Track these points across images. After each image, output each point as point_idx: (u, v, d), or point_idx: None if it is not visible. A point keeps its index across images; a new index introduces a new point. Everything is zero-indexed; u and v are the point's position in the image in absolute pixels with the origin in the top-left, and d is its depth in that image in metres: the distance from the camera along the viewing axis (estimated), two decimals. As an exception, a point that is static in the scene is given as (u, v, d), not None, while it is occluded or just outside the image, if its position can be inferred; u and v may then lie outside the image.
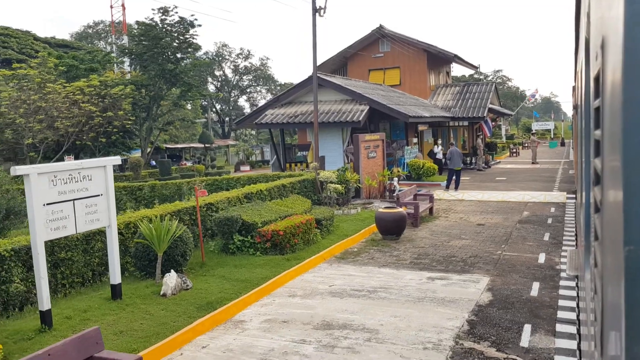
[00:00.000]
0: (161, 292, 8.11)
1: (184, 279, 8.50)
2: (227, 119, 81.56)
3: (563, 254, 10.97)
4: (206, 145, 38.78)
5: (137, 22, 33.63)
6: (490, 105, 30.23)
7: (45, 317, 6.63)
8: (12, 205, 13.92)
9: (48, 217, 6.65)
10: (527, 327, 7.15)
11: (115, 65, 43.08)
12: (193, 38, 32.48)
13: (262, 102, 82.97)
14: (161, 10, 31.81)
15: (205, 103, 67.28)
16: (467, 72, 76.47)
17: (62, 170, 6.87)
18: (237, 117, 79.28)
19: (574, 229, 13.05)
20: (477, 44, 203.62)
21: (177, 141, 55.57)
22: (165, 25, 31.76)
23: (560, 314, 7.57)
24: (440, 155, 26.43)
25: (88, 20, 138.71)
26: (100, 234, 8.82)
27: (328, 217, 12.88)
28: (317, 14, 15.70)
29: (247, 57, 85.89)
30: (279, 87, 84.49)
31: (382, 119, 24.61)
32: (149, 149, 35.25)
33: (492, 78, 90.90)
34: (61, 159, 28.83)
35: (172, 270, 8.40)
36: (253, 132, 71.03)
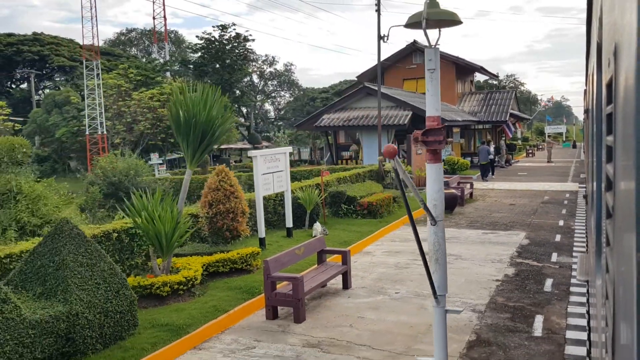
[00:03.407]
0: (312, 234, 12.43)
1: (323, 228, 12.83)
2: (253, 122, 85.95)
3: (576, 221, 15.14)
4: (255, 145, 43.33)
5: (198, 37, 38.20)
6: (511, 111, 34.39)
7: (262, 242, 10.98)
8: (144, 189, 18.30)
9: (263, 182, 11.01)
10: (554, 254, 11.39)
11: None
12: (247, 51, 37.08)
13: (284, 106, 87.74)
14: (220, 27, 36.44)
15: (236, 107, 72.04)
16: (482, 77, 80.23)
17: (268, 154, 11.24)
18: (262, 120, 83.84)
19: (584, 208, 17.15)
20: (484, 46, 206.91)
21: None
22: (224, 41, 36.35)
23: (575, 248, 11.79)
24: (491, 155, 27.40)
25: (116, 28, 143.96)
26: (266, 199, 13.13)
27: (398, 195, 17.15)
28: (381, 40, 20.08)
29: (271, 64, 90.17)
30: (301, 92, 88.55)
31: (420, 122, 28.83)
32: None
33: (505, 82, 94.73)
34: (142, 157, 33.34)
35: (317, 222, 12.74)
36: (281, 134, 75.45)
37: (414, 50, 34.83)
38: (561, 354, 6.44)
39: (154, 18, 66.73)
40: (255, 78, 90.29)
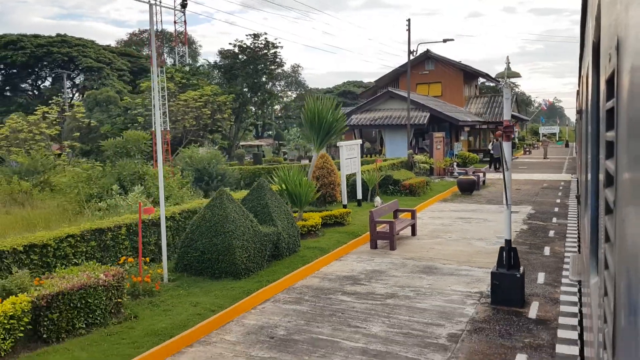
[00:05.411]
0: (374, 205, 16.69)
1: (381, 200, 17.10)
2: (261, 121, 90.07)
3: (570, 199, 19.50)
4: (280, 142, 47.49)
5: (230, 44, 42.34)
6: (513, 113, 38.79)
7: (344, 207, 15.23)
8: (223, 174, 22.43)
9: (346, 165, 15.27)
10: (554, 218, 15.72)
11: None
12: (276, 57, 41.27)
13: (292, 106, 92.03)
14: (252, 36, 40.64)
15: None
16: (479, 80, 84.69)
17: (348, 145, 15.50)
18: (268, 118, 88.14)
19: (576, 192, 21.44)
20: (477, 47, 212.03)
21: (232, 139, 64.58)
22: (255, 48, 40.52)
23: (570, 215, 16.13)
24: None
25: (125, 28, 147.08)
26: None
27: (428, 181, 21.48)
28: (410, 54, 24.28)
29: (279, 65, 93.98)
30: (305, 92, 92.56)
31: (433, 122, 33.16)
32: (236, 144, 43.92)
33: (501, 84, 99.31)
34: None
35: (377, 196, 17.02)
36: (294, 132, 79.71)
37: (426, 58, 39.15)
38: (562, 261, 10.76)
39: (175, 22, 70.96)
40: (262, 78, 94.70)
